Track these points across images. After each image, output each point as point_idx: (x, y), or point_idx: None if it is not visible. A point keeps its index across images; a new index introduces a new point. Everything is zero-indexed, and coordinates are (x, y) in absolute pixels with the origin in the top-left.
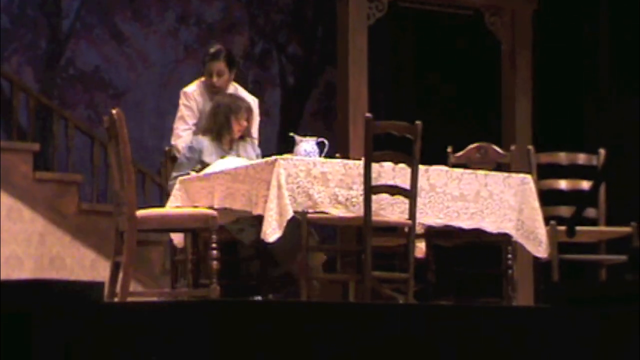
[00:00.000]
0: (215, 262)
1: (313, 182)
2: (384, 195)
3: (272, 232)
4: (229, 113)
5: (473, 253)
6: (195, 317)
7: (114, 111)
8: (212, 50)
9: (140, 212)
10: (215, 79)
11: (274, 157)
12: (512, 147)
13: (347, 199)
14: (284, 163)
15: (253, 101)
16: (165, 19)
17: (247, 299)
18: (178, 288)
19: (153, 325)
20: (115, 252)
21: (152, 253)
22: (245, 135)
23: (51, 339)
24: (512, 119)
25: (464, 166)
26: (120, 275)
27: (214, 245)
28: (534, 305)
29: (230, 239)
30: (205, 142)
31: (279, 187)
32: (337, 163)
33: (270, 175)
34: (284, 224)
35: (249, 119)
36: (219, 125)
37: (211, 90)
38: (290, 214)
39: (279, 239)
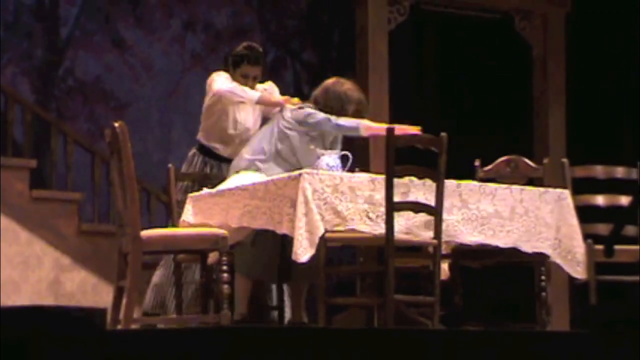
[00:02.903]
0: (226, 286)
1: (340, 197)
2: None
3: (303, 251)
4: (338, 108)
5: (503, 274)
6: (206, 345)
7: (116, 124)
8: (251, 52)
9: (145, 233)
10: (251, 84)
11: (297, 172)
12: (545, 160)
13: (377, 216)
14: (309, 178)
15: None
16: (171, 25)
17: (262, 325)
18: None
19: (159, 354)
20: (119, 275)
21: None
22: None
23: None
24: (544, 130)
25: (493, 181)
26: (124, 300)
27: (224, 267)
28: (569, 330)
29: None
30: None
31: (306, 203)
32: (365, 178)
33: (294, 191)
34: (316, 241)
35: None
36: (333, 110)
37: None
38: (321, 230)
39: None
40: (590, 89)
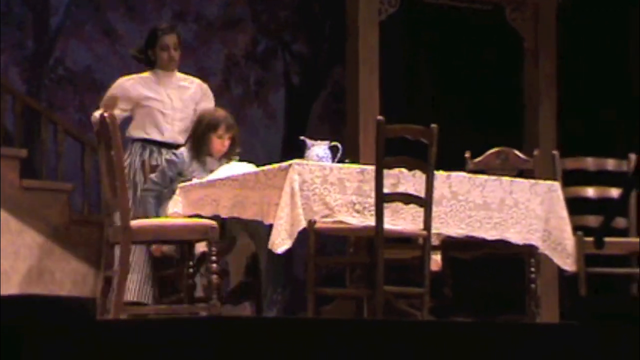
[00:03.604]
0: (215, 276)
1: (329, 188)
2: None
3: (281, 242)
4: (207, 129)
5: (493, 266)
6: (197, 335)
7: (105, 114)
8: (160, 25)
9: (135, 223)
10: (173, 53)
11: (288, 162)
12: (536, 152)
13: (364, 208)
14: (298, 168)
15: (200, 86)
16: (162, 15)
17: (255, 316)
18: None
19: (150, 343)
20: (106, 265)
21: None
22: (231, 155)
23: (41, 358)
24: (535, 122)
25: (483, 173)
26: (114, 290)
27: (213, 258)
28: (559, 322)
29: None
30: (186, 156)
31: (292, 194)
32: (355, 169)
33: (283, 181)
34: (295, 234)
35: (233, 138)
36: (197, 141)
37: (166, 68)
38: (302, 224)
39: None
40: (582, 81)
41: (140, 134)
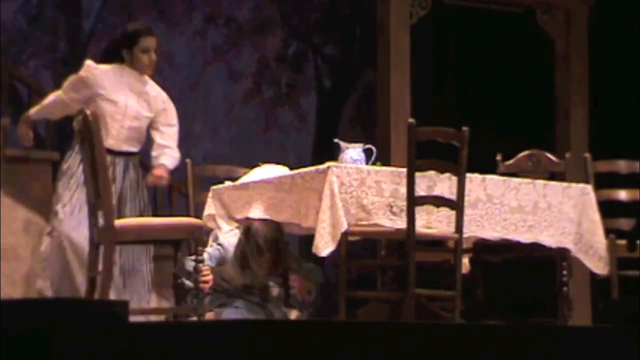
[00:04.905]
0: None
1: (367, 191)
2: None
3: (325, 245)
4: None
5: (524, 269)
6: (227, 339)
7: (87, 111)
8: (140, 26)
9: (119, 223)
10: (154, 56)
11: (326, 165)
12: (567, 155)
13: (402, 210)
14: (337, 171)
15: (161, 98)
16: (193, 19)
17: (279, 320)
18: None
19: (181, 346)
20: (90, 267)
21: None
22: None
23: None
24: (566, 125)
25: (515, 175)
26: (97, 291)
27: (200, 258)
28: (591, 325)
29: None
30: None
31: (332, 196)
32: (392, 172)
33: (321, 184)
34: (338, 236)
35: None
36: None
37: (143, 71)
38: (344, 226)
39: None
40: (613, 84)
41: None
